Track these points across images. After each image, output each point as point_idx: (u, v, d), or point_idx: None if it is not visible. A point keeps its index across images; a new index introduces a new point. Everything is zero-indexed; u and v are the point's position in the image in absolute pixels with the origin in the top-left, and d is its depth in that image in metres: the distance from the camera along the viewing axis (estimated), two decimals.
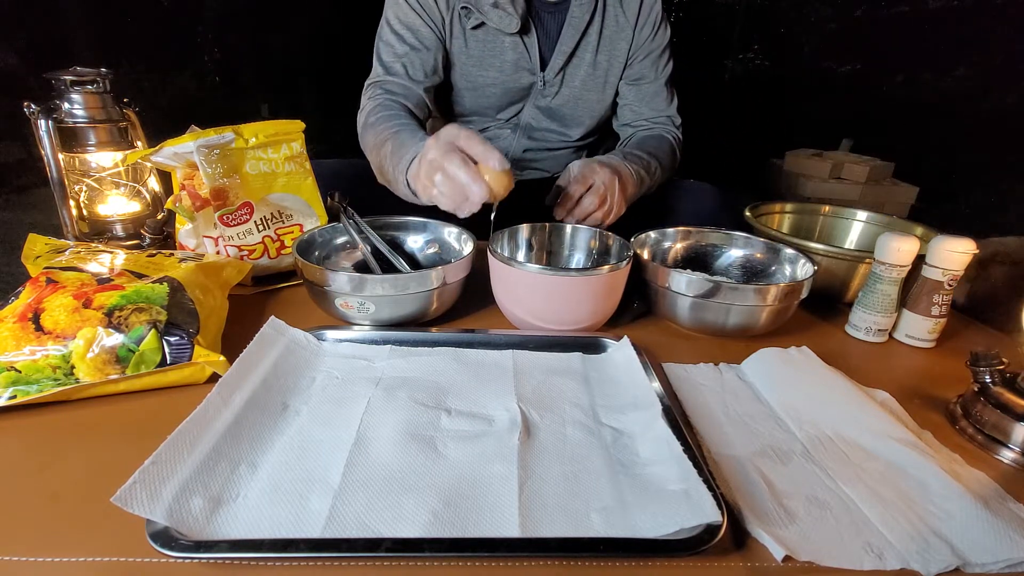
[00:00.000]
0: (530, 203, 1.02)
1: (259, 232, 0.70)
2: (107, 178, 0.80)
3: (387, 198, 0.92)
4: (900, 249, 0.62)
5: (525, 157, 1.03)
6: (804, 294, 0.62)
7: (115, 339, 0.48)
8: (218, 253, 0.69)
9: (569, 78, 0.93)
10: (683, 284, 0.62)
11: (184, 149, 0.65)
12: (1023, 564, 0.36)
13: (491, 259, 0.62)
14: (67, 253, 0.60)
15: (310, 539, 0.35)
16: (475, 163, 0.58)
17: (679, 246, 0.76)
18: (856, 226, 0.88)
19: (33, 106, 0.72)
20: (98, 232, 0.81)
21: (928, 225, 0.79)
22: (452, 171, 0.57)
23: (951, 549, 0.36)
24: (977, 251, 0.61)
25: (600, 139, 1.08)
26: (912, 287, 0.65)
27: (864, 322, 0.66)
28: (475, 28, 0.88)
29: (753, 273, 0.73)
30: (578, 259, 0.73)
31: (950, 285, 0.63)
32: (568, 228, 0.73)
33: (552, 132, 1.01)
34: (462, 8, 0.86)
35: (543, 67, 0.91)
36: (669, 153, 0.93)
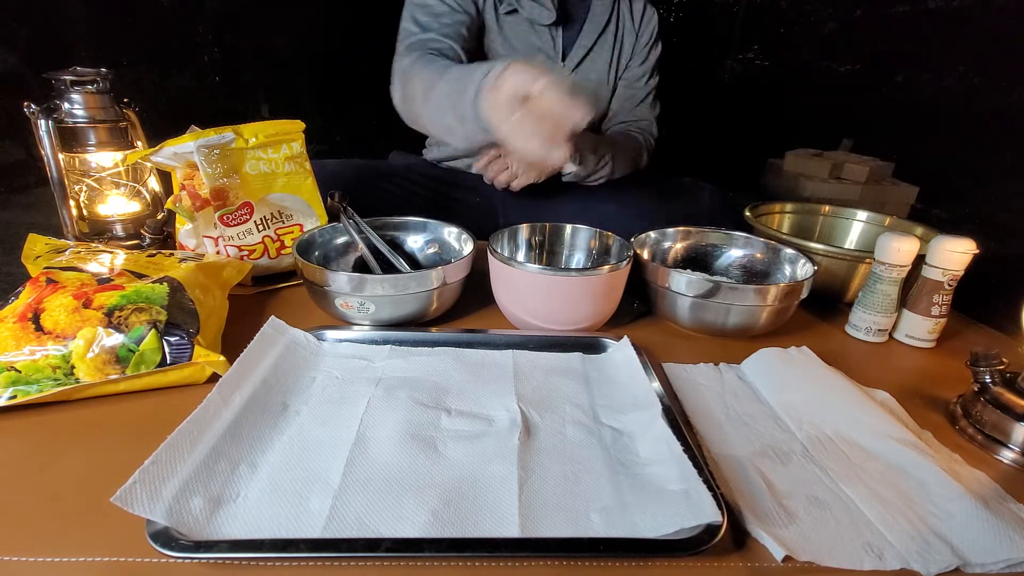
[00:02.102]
0: (532, 199, 1.03)
1: (259, 232, 0.70)
2: (107, 178, 0.80)
3: (387, 198, 0.93)
4: (900, 249, 0.62)
5: None
6: (804, 294, 0.62)
7: (115, 339, 0.48)
8: (218, 253, 0.69)
9: (585, 72, 0.96)
10: (683, 284, 0.61)
11: (184, 149, 0.65)
12: (1023, 564, 0.36)
13: (491, 259, 0.62)
14: (67, 253, 0.60)
15: (310, 539, 0.35)
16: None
17: (679, 246, 0.76)
18: (856, 226, 0.88)
19: (33, 106, 0.72)
20: (98, 232, 0.81)
21: (928, 225, 0.79)
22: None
23: (951, 549, 0.36)
24: (977, 251, 0.61)
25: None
26: (912, 287, 0.66)
27: (864, 322, 0.66)
28: (508, 13, 0.90)
29: (753, 273, 0.73)
30: (578, 259, 0.73)
31: (950, 285, 0.63)
32: (568, 228, 0.73)
33: None
34: None
35: (563, 59, 0.95)
36: (634, 148, 0.96)
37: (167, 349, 0.49)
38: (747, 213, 0.83)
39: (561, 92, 0.50)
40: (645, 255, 0.72)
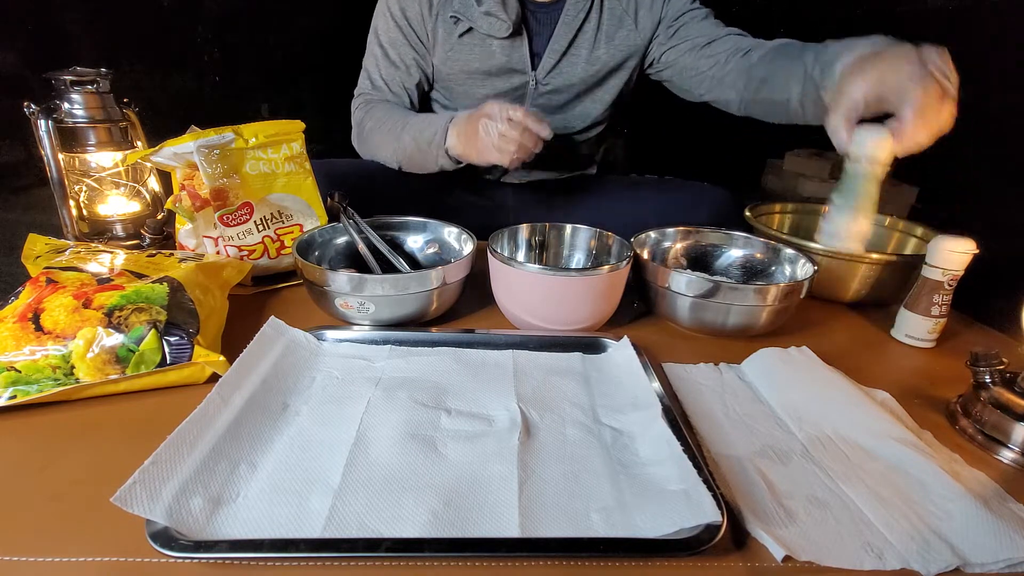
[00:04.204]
0: (535, 204, 1.02)
1: (259, 232, 0.70)
2: (107, 178, 0.80)
3: (387, 198, 0.92)
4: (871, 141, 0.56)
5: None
6: (804, 294, 0.62)
7: (115, 339, 0.48)
8: (218, 253, 0.69)
9: (566, 75, 0.92)
10: (683, 284, 0.61)
11: (184, 149, 0.65)
12: (1023, 564, 0.36)
13: (491, 259, 0.62)
14: (67, 253, 0.60)
15: (310, 539, 0.35)
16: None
17: (679, 246, 0.76)
18: None
19: (33, 106, 0.72)
20: (98, 232, 0.81)
21: (928, 225, 0.79)
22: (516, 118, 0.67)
23: (951, 549, 0.36)
24: (977, 251, 0.61)
25: (605, 132, 1.08)
26: (912, 287, 0.66)
27: (834, 226, 0.63)
28: (462, 35, 0.88)
29: (753, 273, 0.73)
30: (578, 259, 0.73)
31: (950, 285, 0.63)
32: (568, 228, 0.73)
33: (556, 128, 1.00)
34: (450, 16, 0.86)
35: (534, 66, 0.91)
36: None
37: (167, 349, 0.49)
38: (747, 213, 0.83)
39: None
40: (645, 255, 0.72)
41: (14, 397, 0.45)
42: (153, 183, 0.85)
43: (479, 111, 0.72)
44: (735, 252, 0.75)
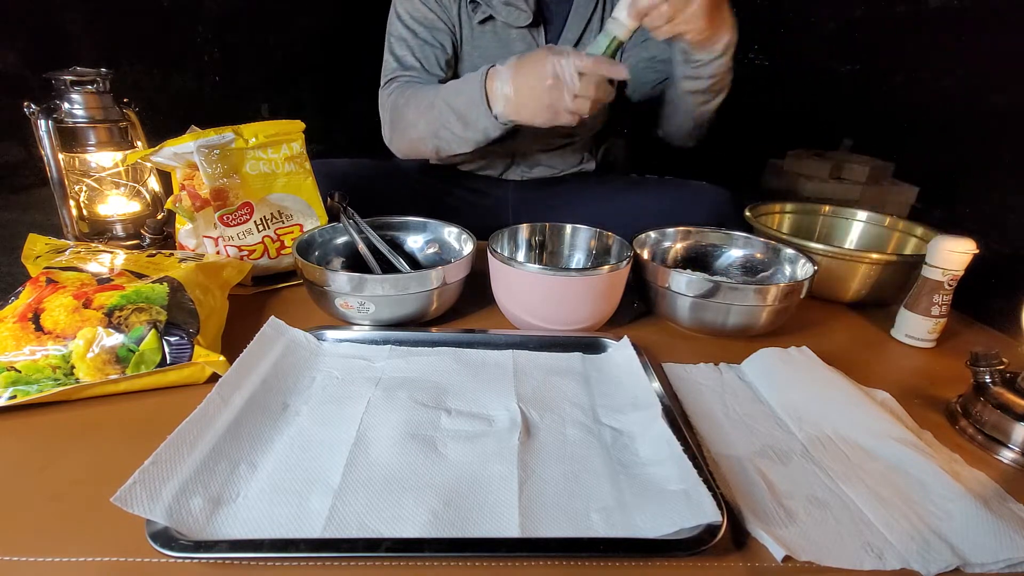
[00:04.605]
0: (535, 202, 1.02)
1: (259, 232, 0.70)
2: (107, 178, 0.80)
3: (387, 198, 0.92)
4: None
5: (534, 152, 1.04)
6: (804, 294, 0.62)
7: (115, 339, 0.48)
8: (218, 253, 0.69)
9: None
10: (683, 284, 0.61)
11: (184, 149, 0.65)
12: (1023, 564, 0.36)
13: (491, 259, 0.62)
14: (67, 253, 0.60)
15: (310, 539, 0.35)
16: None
17: (679, 246, 0.76)
18: (856, 226, 0.88)
19: (33, 106, 0.72)
20: (98, 232, 0.81)
21: (928, 225, 0.79)
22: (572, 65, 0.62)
23: (951, 549, 0.36)
24: (977, 251, 0.61)
25: (606, 132, 1.08)
26: (912, 287, 0.65)
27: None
28: (482, 22, 0.88)
29: (753, 273, 0.73)
30: (578, 259, 0.73)
31: (950, 285, 0.63)
32: (568, 228, 0.73)
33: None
34: (470, 3, 0.86)
35: None
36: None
37: (167, 349, 0.49)
38: (747, 213, 0.83)
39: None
40: (645, 255, 0.72)
41: (14, 397, 0.45)
42: (153, 183, 0.85)
43: (527, 63, 0.66)
44: (735, 252, 0.75)
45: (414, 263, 0.74)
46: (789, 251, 0.70)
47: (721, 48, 0.72)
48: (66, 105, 0.75)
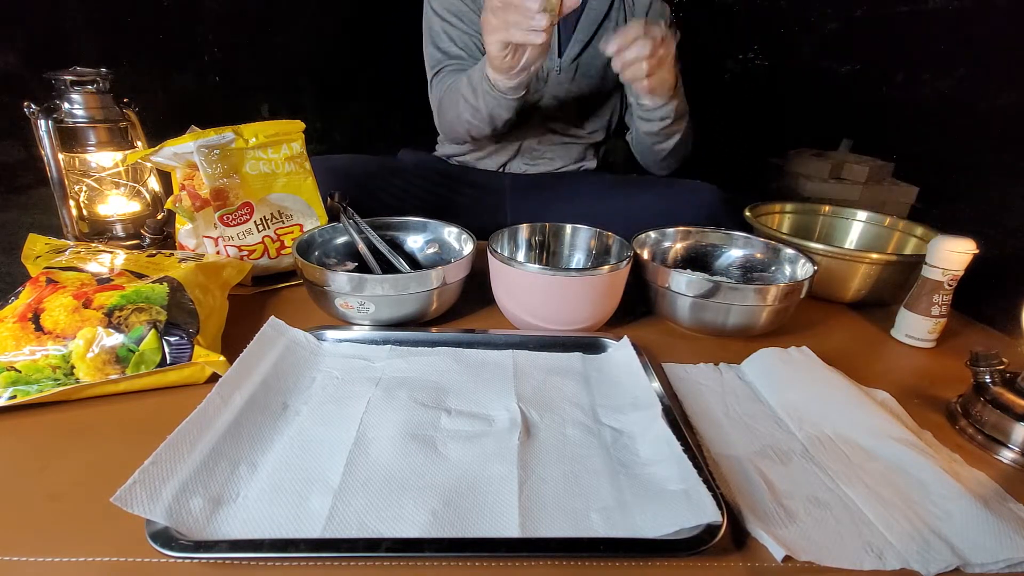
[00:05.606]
0: (538, 196, 1.03)
1: (259, 232, 0.70)
2: (107, 178, 0.80)
3: (387, 198, 0.93)
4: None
5: (538, 147, 1.05)
6: (804, 294, 0.62)
7: (115, 339, 0.48)
8: (218, 253, 0.69)
9: (585, 68, 0.96)
10: (683, 284, 0.61)
11: (184, 149, 0.65)
12: (1023, 564, 0.36)
13: (491, 259, 0.62)
14: (67, 253, 0.60)
15: (310, 539, 0.35)
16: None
17: (679, 246, 0.76)
18: (856, 226, 0.88)
19: (33, 106, 0.72)
20: (98, 232, 0.81)
21: (928, 225, 0.79)
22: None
23: (951, 549, 0.36)
24: (977, 251, 0.61)
25: (609, 137, 1.10)
26: (912, 287, 0.65)
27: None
28: None
29: (753, 273, 0.73)
30: (578, 259, 0.73)
31: (950, 285, 0.63)
32: (568, 228, 0.73)
33: (567, 122, 1.03)
34: None
35: (560, 53, 0.95)
36: (688, 124, 0.93)
37: (167, 349, 0.49)
38: (747, 213, 0.83)
39: None
40: (645, 255, 0.72)
41: (14, 397, 0.45)
42: (153, 183, 0.85)
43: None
44: (735, 252, 0.75)
45: (414, 263, 0.74)
46: (789, 251, 0.70)
47: (663, 100, 0.81)
48: (66, 105, 0.75)
